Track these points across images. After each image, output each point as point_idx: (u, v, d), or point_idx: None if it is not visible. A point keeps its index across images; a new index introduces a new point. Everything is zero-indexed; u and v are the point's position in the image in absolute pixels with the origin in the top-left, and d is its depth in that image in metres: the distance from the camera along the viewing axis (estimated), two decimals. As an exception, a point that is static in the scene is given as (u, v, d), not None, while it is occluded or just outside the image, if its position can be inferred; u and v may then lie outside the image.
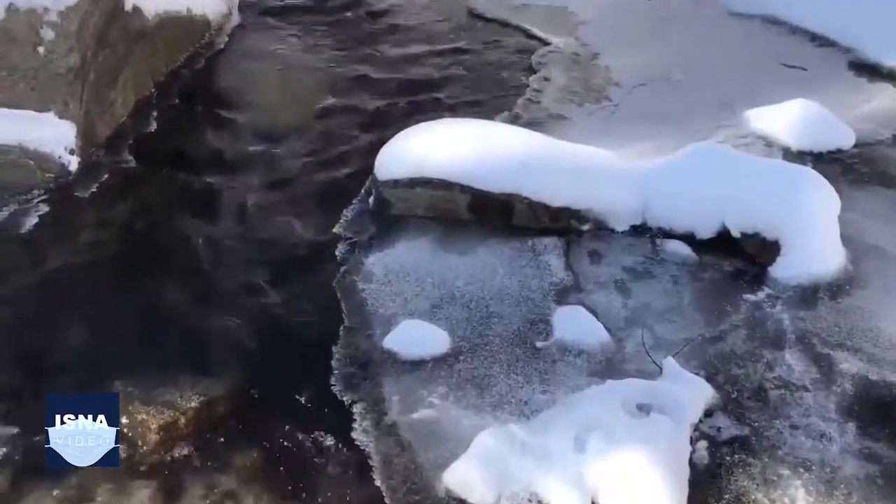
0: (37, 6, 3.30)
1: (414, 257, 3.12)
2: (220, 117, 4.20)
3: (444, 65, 4.74)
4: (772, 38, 4.85)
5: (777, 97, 4.03)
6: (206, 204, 3.53)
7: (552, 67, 4.58)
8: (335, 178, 3.71)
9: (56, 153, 3.49)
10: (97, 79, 3.65)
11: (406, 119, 4.06)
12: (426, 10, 5.54)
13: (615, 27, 5.03)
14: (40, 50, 3.34)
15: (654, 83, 4.38)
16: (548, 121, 4.02)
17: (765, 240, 3.04)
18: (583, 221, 3.23)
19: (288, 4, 5.61)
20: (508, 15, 5.34)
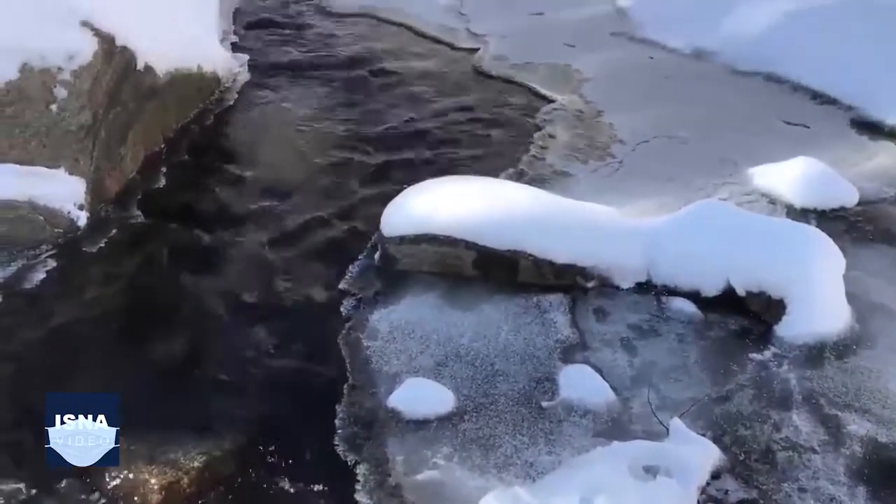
0: (51, 66, 3.36)
1: (419, 313, 3.12)
2: (228, 173, 4.24)
3: (449, 122, 4.80)
4: (774, 96, 4.91)
5: (780, 154, 4.07)
6: (213, 259, 3.55)
7: (556, 125, 4.63)
8: (341, 234, 3.73)
9: (65, 209, 3.51)
10: (108, 135, 3.70)
11: (412, 175, 4.10)
12: (432, 67, 5.64)
13: (618, 85, 5.10)
14: (53, 108, 3.39)
15: (658, 140, 4.42)
16: (552, 177, 4.06)
17: (770, 298, 3.04)
18: (588, 278, 3.23)
19: (296, 62, 5.72)
20: (513, 72, 5.42)
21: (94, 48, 3.51)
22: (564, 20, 6.33)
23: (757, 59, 5.25)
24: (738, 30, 5.59)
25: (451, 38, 6.10)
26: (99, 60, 3.51)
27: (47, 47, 3.37)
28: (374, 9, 6.73)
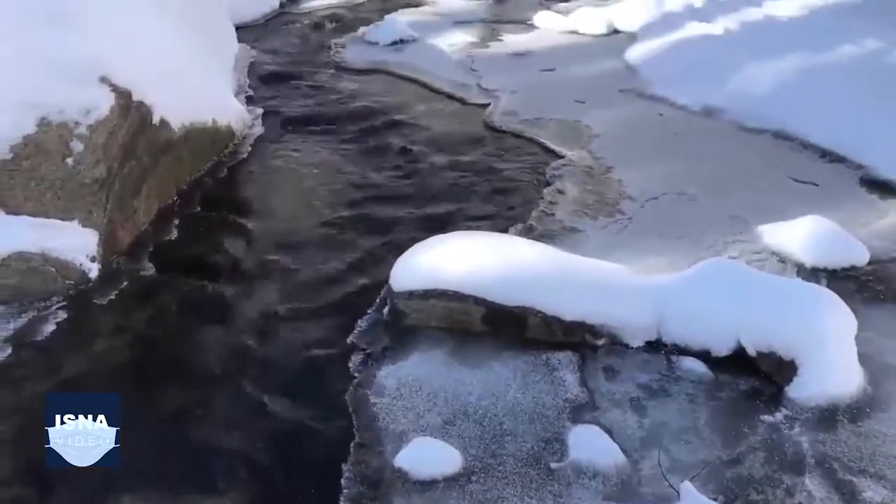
0: (68, 120, 3.42)
1: (427, 370, 3.11)
2: (240, 226, 4.27)
3: (460, 176, 4.83)
4: (783, 154, 4.93)
5: (790, 213, 4.07)
6: (222, 313, 3.55)
7: (566, 180, 4.66)
8: (350, 288, 3.73)
9: (77, 261, 3.54)
10: (121, 188, 3.75)
11: (421, 229, 4.12)
12: (443, 122, 5.71)
13: (628, 141, 5.14)
14: (69, 161, 3.44)
15: (667, 197, 4.43)
16: (562, 233, 4.06)
17: (781, 359, 3.01)
18: (597, 336, 3.22)
19: (309, 115, 5.80)
20: (523, 128, 5.47)
21: (111, 103, 3.57)
22: (574, 77, 6.42)
23: (765, 117, 5.29)
24: (746, 87, 5.65)
25: (463, 94, 6.18)
26: (115, 115, 3.57)
27: (65, 102, 3.43)
28: (388, 64, 6.84)
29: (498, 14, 8.34)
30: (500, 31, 7.71)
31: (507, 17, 8.18)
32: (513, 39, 7.47)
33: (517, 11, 8.35)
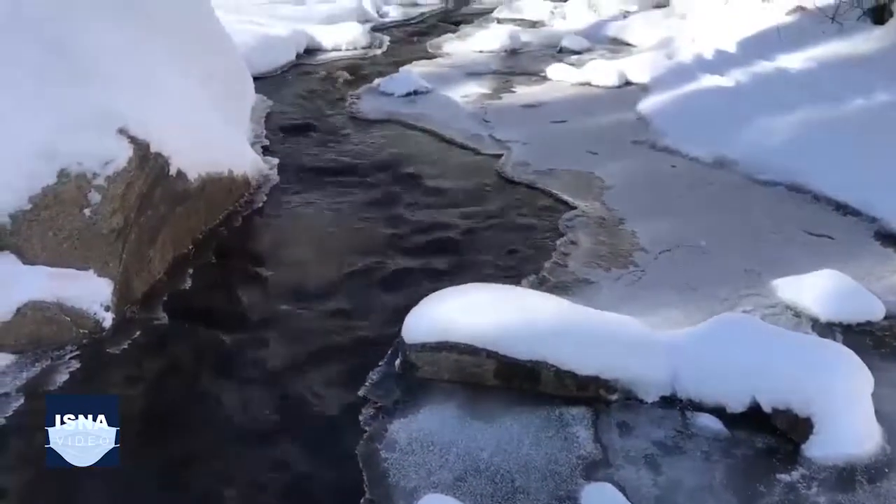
0: (87, 171, 3.47)
1: (439, 424, 3.08)
2: (254, 275, 4.29)
3: (473, 227, 4.85)
4: (796, 207, 4.93)
5: (804, 266, 4.05)
6: (234, 363, 3.55)
7: (579, 231, 4.67)
8: (361, 340, 3.73)
9: (92, 310, 3.56)
10: (138, 238, 3.78)
11: (434, 280, 4.13)
12: (456, 172, 5.76)
13: (640, 193, 5.16)
14: (86, 212, 3.48)
15: (681, 249, 4.43)
16: (575, 285, 4.06)
17: (797, 416, 2.97)
18: (611, 391, 3.19)
19: (324, 165, 5.87)
20: (536, 178, 5.51)
21: (129, 154, 3.62)
22: (587, 128, 6.48)
23: (778, 169, 5.31)
24: (758, 140, 5.68)
25: (476, 145, 6.24)
26: (133, 166, 3.62)
27: (85, 153, 3.47)
28: (402, 115, 6.94)
29: (510, 66, 8.47)
30: (512, 83, 7.82)
31: (520, 70, 8.31)
32: (525, 91, 7.57)
33: (529, 63, 8.48)
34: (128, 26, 4.43)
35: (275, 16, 9.28)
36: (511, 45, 9.03)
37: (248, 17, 8.90)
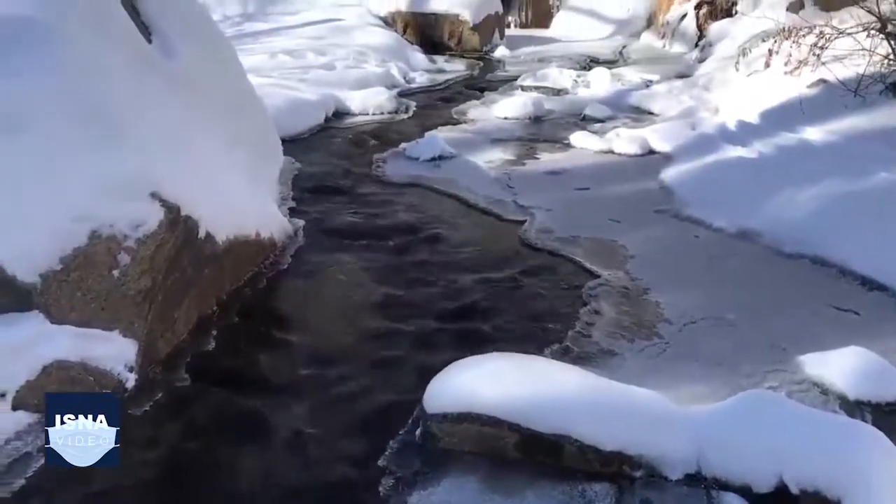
0: (118, 233, 3.52)
1: (459, 498, 3.04)
2: (276, 337, 4.30)
3: (496, 293, 4.85)
4: (821, 280, 4.90)
5: (830, 342, 4.01)
6: (254, 427, 3.54)
7: (602, 300, 4.66)
8: (382, 407, 3.71)
9: (115, 370, 3.57)
10: (164, 300, 3.81)
11: (456, 347, 4.13)
12: (480, 237, 5.79)
13: (664, 263, 5.16)
14: (115, 273, 3.52)
15: (705, 321, 4.40)
16: (598, 356, 4.04)
17: (826, 499, 2.90)
18: (635, 468, 3.14)
19: (349, 227, 5.92)
20: (559, 245, 5.52)
21: (160, 218, 3.68)
22: (609, 196, 6.52)
23: (802, 242, 5.29)
24: (782, 212, 5.68)
25: (499, 210, 6.29)
26: (163, 229, 3.67)
27: (116, 216, 3.53)
28: (426, 179, 7.02)
29: (534, 133, 8.57)
30: (536, 150, 7.90)
31: (544, 136, 8.40)
32: (549, 158, 7.64)
33: (553, 131, 8.58)
34: (161, 89, 4.54)
35: (306, 80, 9.47)
36: (535, 112, 9.15)
37: (279, 80, 9.09)
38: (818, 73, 7.68)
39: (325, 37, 11.49)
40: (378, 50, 11.22)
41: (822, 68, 7.63)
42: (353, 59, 10.67)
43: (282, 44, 11.03)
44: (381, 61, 10.84)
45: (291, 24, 12.11)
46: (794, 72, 7.98)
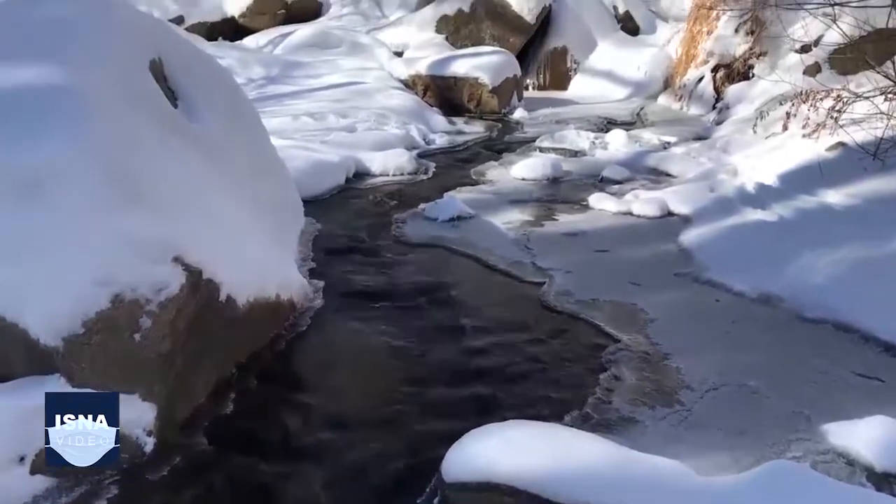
0: (140, 297, 3.55)
1: (478, 570, 2.99)
2: (295, 401, 4.30)
3: (515, 357, 4.83)
4: (844, 347, 4.84)
5: (854, 410, 3.95)
6: (271, 494, 3.53)
7: (622, 366, 4.62)
8: (400, 474, 3.68)
9: (134, 434, 3.56)
10: (184, 363, 3.83)
11: (474, 412, 4.10)
12: (498, 299, 5.78)
13: (685, 327, 5.12)
14: (136, 337, 3.54)
15: (727, 388, 4.35)
16: (619, 423, 3.99)
17: (855, 577, 2.83)
18: (656, 541, 3.08)
19: (369, 289, 5.93)
20: (578, 309, 5.50)
21: (182, 281, 3.71)
22: (629, 258, 6.50)
23: (825, 307, 5.24)
24: (803, 276, 5.64)
25: (518, 272, 6.28)
26: (185, 293, 3.71)
27: (139, 280, 3.57)
28: (445, 239, 7.04)
29: (552, 194, 8.61)
30: (554, 211, 7.93)
31: (562, 197, 8.44)
32: (567, 219, 7.66)
33: (571, 192, 8.62)
34: (185, 152, 4.63)
35: (327, 142, 9.61)
36: (553, 173, 9.20)
37: (302, 142, 9.23)
38: (836, 136, 7.71)
39: (347, 99, 11.68)
40: (398, 112, 11.39)
41: (840, 131, 7.66)
42: (374, 122, 10.83)
43: (304, 106, 11.24)
44: (402, 123, 10.99)
45: (314, 86, 12.34)
46: (813, 135, 8.02)
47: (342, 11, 17.40)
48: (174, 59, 5.08)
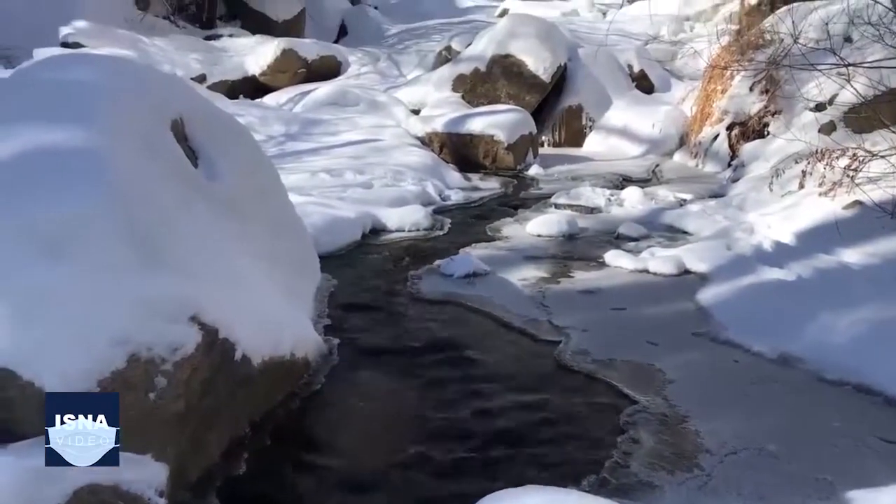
0: (156, 356, 3.56)
1: None
2: (307, 461, 4.27)
3: (530, 418, 4.78)
4: (865, 409, 4.76)
5: (878, 476, 3.88)
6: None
7: (640, 428, 4.56)
8: (414, 539, 3.62)
9: (146, 495, 3.51)
10: (197, 423, 3.81)
11: (488, 475, 4.06)
12: (514, 358, 5.74)
13: (703, 388, 5.06)
14: (151, 396, 3.53)
15: (747, 452, 4.28)
16: (637, 488, 3.92)
17: None
18: None
19: (383, 346, 5.91)
20: (595, 368, 5.45)
21: (198, 341, 3.72)
22: (646, 317, 6.46)
23: (844, 369, 5.17)
24: (822, 337, 5.58)
25: (534, 330, 6.25)
26: (200, 353, 3.71)
27: (155, 340, 3.57)
28: (460, 296, 7.02)
29: (568, 251, 8.60)
30: (570, 268, 7.91)
31: (578, 255, 8.41)
32: (583, 276, 7.63)
33: (587, 249, 8.60)
34: (204, 211, 4.68)
35: (344, 198, 9.68)
36: (569, 230, 9.20)
37: (319, 198, 9.30)
38: (853, 194, 7.70)
39: (365, 156, 11.79)
40: (415, 168, 11.48)
41: (856, 190, 7.65)
42: (391, 178, 10.92)
43: (323, 163, 11.35)
44: (418, 179, 11.07)
45: (332, 143, 12.48)
46: (829, 193, 8.01)
47: (361, 70, 17.69)
48: (195, 119, 5.18)
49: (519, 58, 14.82)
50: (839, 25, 10.19)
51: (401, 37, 20.91)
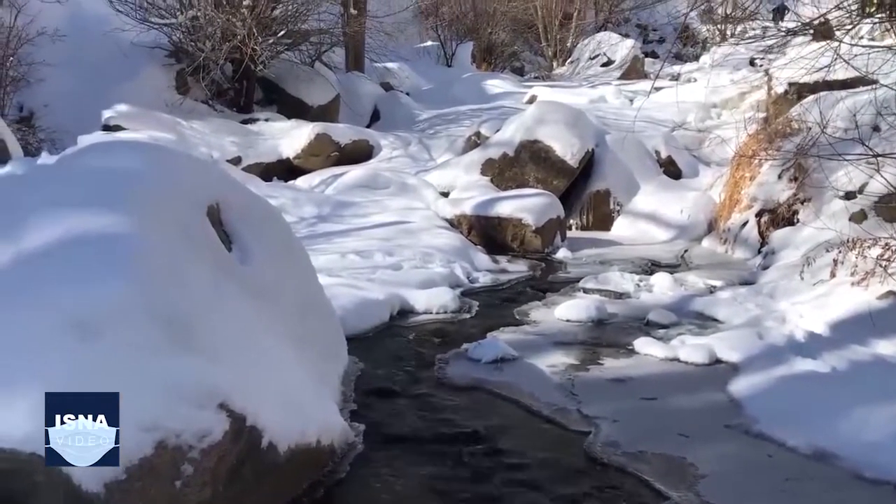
0: (183, 444, 3.56)
1: None
2: (331, 555, 4.19)
3: (559, 513, 4.68)
4: (908, 511, 4.61)
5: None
6: None
7: (672, 526, 4.43)
8: None
9: (168, 586, 3.49)
10: (225, 511, 3.78)
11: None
12: (543, 448, 5.65)
13: (737, 484, 4.93)
14: (177, 484, 3.52)
15: (784, 553, 4.13)
16: (669, 590, 3.79)
17: None
18: None
19: (409, 433, 5.86)
20: (625, 461, 5.34)
21: (225, 428, 3.72)
22: (677, 407, 6.36)
23: (883, 467, 5.02)
24: (858, 432, 5.44)
25: (563, 419, 6.16)
26: (228, 440, 3.71)
27: (183, 427, 3.58)
28: (488, 383, 6.97)
29: (597, 337, 8.53)
30: (599, 355, 7.83)
31: (607, 341, 8.34)
32: (613, 364, 7.56)
33: (616, 335, 8.53)
34: (235, 295, 4.74)
35: (373, 280, 9.75)
36: (597, 315, 9.14)
37: (348, 280, 9.38)
38: (886, 284, 7.61)
39: (394, 238, 11.92)
40: (443, 251, 11.56)
41: (889, 280, 7.57)
42: (420, 260, 11.00)
43: (352, 244, 11.48)
44: (447, 262, 11.13)
45: (363, 225, 12.65)
46: (861, 283, 7.93)
47: (392, 154, 18.01)
48: (230, 204, 5.30)
49: (547, 143, 15.03)
50: (867, 116, 10.24)
51: (432, 122, 21.33)
